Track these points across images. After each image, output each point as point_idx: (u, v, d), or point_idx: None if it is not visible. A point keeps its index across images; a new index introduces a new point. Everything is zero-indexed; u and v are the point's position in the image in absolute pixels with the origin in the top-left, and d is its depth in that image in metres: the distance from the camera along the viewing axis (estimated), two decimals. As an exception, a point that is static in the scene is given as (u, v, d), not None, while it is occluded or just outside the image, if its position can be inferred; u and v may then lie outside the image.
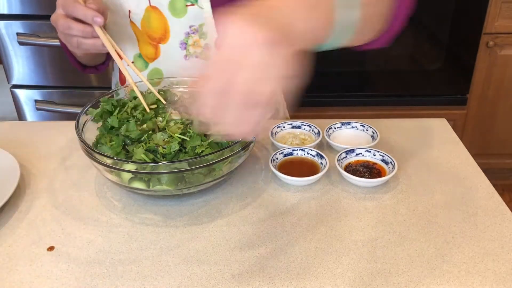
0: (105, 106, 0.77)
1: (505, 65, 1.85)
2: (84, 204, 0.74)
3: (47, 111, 1.85)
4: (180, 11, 0.88)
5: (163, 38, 0.91)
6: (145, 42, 0.92)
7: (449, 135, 0.90)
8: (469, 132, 2.00)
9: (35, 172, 0.82)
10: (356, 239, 0.65)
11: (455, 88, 1.92)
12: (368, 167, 0.77)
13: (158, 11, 0.88)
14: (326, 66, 1.92)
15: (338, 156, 0.78)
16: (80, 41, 0.77)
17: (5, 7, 1.68)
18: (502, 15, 1.77)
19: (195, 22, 0.89)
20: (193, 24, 0.89)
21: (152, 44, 0.92)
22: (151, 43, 0.92)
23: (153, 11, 0.88)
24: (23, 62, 1.78)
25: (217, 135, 0.67)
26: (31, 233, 0.68)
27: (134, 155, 0.68)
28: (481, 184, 0.76)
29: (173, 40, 0.91)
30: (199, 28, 0.89)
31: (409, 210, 0.71)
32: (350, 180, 0.75)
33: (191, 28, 0.89)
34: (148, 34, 0.91)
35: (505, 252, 0.63)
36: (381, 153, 0.78)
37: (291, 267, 0.61)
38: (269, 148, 0.87)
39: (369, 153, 0.79)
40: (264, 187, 0.76)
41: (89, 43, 0.77)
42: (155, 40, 0.91)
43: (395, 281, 0.58)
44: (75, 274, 0.61)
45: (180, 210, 0.72)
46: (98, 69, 1.02)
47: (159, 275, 0.60)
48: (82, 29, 0.76)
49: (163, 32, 0.90)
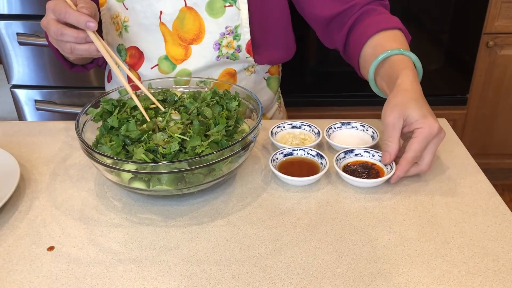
0: (105, 106, 0.77)
1: (505, 65, 1.85)
2: (84, 204, 0.74)
3: (47, 111, 1.85)
4: (218, 11, 0.89)
5: (196, 39, 0.91)
6: (174, 44, 0.92)
7: (449, 135, 0.90)
8: (469, 132, 2.00)
9: (35, 172, 0.82)
10: (356, 239, 0.65)
11: (455, 88, 1.92)
12: (366, 168, 0.77)
13: (194, 11, 0.88)
14: (326, 66, 1.92)
15: (336, 156, 0.78)
16: (74, 46, 0.76)
17: (5, 7, 1.68)
18: (502, 15, 1.77)
19: (231, 23, 0.90)
20: (229, 25, 0.90)
21: (182, 46, 0.92)
22: (181, 44, 0.92)
23: (189, 11, 0.88)
24: (23, 62, 1.78)
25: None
26: (31, 233, 0.68)
27: (134, 155, 0.68)
28: (481, 184, 0.76)
29: (207, 40, 0.91)
30: (234, 29, 0.90)
31: (409, 210, 0.71)
32: (347, 181, 0.75)
33: (227, 29, 0.90)
34: (179, 35, 0.91)
35: (505, 252, 0.63)
36: (379, 154, 0.78)
37: (291, 267, 0.61)
38: (269, 148, 0.87)
39: (368, 153, 0.79)
40: (264, 187, 0.76)
41: (83, 49, 0.76)
42: (186, 41, 0.91)
43: (395, 281, 0.58)
44: (75, 274, 0.61)
45: (180, 210, 0.72)
46: (86, 67, 1.02)
47: (159, 275, 0.60)
48: (76, 35, 0.74)
49: (197, 33, 0.90)
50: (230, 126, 0.75)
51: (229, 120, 0.75)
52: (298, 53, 1.90)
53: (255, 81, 1.01)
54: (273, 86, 1.07)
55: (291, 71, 1.91)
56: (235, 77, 0.98)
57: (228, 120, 0.75)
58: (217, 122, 0.73)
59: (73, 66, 1.00)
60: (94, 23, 0.73)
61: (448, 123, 0.94)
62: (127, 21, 0.92)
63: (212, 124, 0.73)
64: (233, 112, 0.78)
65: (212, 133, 0.72)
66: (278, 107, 1.14)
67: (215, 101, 0.80)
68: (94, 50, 0.76)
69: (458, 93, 1.92)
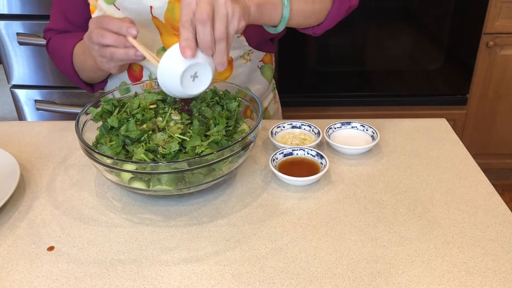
0: (105, 106, 0.77)
1: (505, 65, 1.85)
2: (84, 204, 0.74)
3: (47, 111, 1.85)
4: None
5: None
6: (169, 34, 0.94)
7: (449, 135, 0.90)
8: (469, 132, 2.00)
9: (35, 172, 0.82)
10: (356, 239, 0.65)
11: (455, 88, 1.92)
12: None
13: (181, 0, 0.89)
14: (326, 66, 1.92)
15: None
16: (113, 51, 0.79)
17: (5, 7, 1.68)
18: (502, 15, 1.77)
19: None
20: None
21: (177, 35, 0.93)
22: (175, 34, 0.93)
23: (177, 2, 0.89)
24: (23, 62, 1.78)
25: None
26: (31, 233, 0.68)
27: (134, 155, 0.68)
28: (481, 184, 0.76)
29: None
30: None
31: (409, 210, 0.71)
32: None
33: None
34: (172, 26, 0.92)
35: (505, 252, 0.63)
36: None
37: (291, 267, 0.61)
38: (269, 148, 0.87)
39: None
40: (264, 187, 0.76)
41: (122, 53, 0.79)
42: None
43: (395, 281, 0.58)
44: (75, 274, 0.61)
45: (180, 210, 0.72)
46: (105, 81, 1.06)
47: (159, 275, 0.60)
48: (116, 37, 0.78)
49: None
50: (230, 126, 0.75)
51: (229, 120, 0.75)
52: (298, 53, 1.91)
53: (250, 69, 1.03)
54: (267, 75, 1.09)
55: (291, 71, 1.91)
56: (232, 64, 0.99)
57: (228, 120, 0.75)
58: (217, 122, 0.73)
59: (93, 88, 1.04)
60: (135, 30, 0.78)
61: (448, 123, 0.94)
62: None
63: (212, 124, 0.73)
64: (233, 112, 0.78)
65: (212, 133, 0.72)
66: (273, 97, 1.16)
67: (215, 101, 0.80)
68: (132, 54, 0.79)
69: (458, 93, 1.92)
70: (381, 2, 1.77)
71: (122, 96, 0.84)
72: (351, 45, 1.87)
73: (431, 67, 1.87)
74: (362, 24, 1.82)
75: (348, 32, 1.83)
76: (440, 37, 1.83)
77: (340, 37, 1.84)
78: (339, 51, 1.89)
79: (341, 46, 1.87)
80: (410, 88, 1.91)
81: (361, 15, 1.77)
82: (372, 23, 1.81)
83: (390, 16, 1.78)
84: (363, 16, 1.79)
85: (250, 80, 1.04)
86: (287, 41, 1.73)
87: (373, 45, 1.86)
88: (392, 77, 1.91)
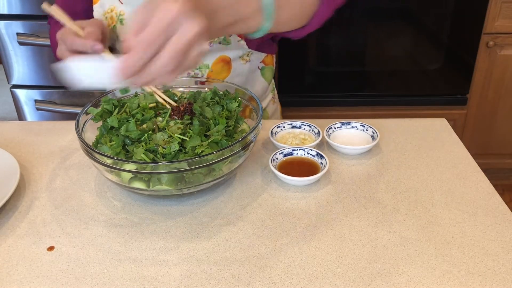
0: (105, 106, 0.77)
1: (505, 65, 1.85)
2: (84, 204, 0.74)
3: (47, 111, 1.85)
4: None
5: None
6: None
7: (449, 135, 0.90)
8: (469, 132, 2.00)
9: (35, 172, 0.82)
10: (356, 239, 0.65)
11: (455, 88, 1.92)
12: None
13: None
14: (326, 66, 1.92)
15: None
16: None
17: (5, 7, 1.68)
18: (502, 15, 1.77)
19: None
20: None
21: None
22: None
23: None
24: (23, 62, 1.78)
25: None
26: (31, 233, 0.68)
27: (134, 155, 0.68)
28: (481, 184, 0.76)
29: None
30: None
31: (409, 210, 0.71)
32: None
33: None
34: None
35: (505, 252, 0.63)
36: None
37: (291, 267, 0.61)
38: (269, 148, 0.87)
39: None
40: (264, 187, 0.76)
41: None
42: None
43: (395, 281, 0.58)
44: (75, 274, 0.61)
45: (180, 210, 0.72)
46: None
47: (159, 275, 0.60)
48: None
49: None
50: (230, 126, 0.75)
51: (229, 120, 0.75)
52: (298, 53, 1.91)
53: (249, 70, 1.02)
54: (267, 76, 1.08)
55: (291, 71, 1.91)
56: (230, 65, 0.99)
57: (228, 120, 0.75)
58: (217, 122, 0.73)
59: None
60: (99, 46, 0.75)
61: (448, 123, 0.94)
62: (123, 14, 0.93)
63: (212, 124, 0.73)
64: (233, 112, 0.78)
65: (212, 133, 0.72)
66: (272, 98, 1.15)
67: (215, 101, 0.80)
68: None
69: (458, 93, 1.93)
70: (381, 2, 1.77)
71: (122, 96, 0.84)
72: (351, 45, 1.87)
73: (431, 67, 1.87)
74: (362, 24, 1.82)
75: (348, 32, 1.83)
76: (440, 37, 1.84)
77: (340, 37, 1.84)
78: (339, 51, 1.89)
79: (341, 46, 1.87)
80: (410, 88, 1.91)
81: (361, 15, 1.77)
82: (372, 23, 1.81)
83: (390, 16, 1.79)
84: (363, 16, 1.79)
85: (249, 80, 1.03)
86: (287, 41, 1.73)
87: (373, 45, 1.87)
88: (392, 77, 1.91)
